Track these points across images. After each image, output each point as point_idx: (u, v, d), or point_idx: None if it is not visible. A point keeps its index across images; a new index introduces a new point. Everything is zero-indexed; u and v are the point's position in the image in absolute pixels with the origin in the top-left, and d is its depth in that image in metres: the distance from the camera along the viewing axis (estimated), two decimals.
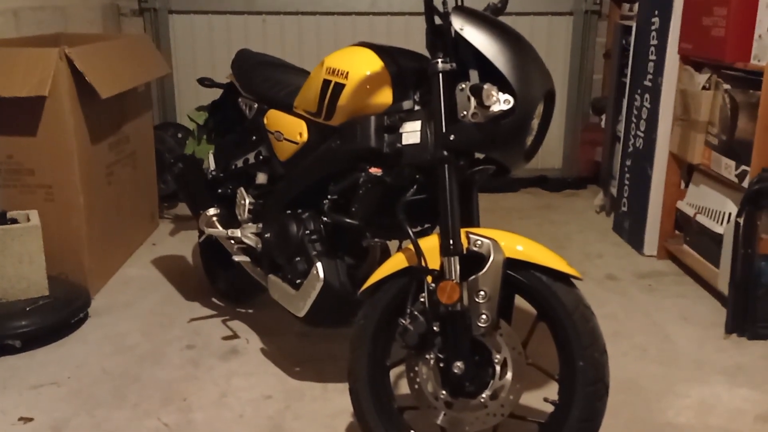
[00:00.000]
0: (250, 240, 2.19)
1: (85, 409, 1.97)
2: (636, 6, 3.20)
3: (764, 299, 2.34)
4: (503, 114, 1.52)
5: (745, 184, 2.40)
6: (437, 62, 1.57)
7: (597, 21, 4.03)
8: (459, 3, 1.64)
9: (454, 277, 1.52)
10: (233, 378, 2.13)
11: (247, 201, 2.23)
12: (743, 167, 2.45)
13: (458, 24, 1.56)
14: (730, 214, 2.57)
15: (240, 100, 2.34)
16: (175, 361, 2.22)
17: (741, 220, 2.32)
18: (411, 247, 1.59)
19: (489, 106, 1.51)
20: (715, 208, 2.68)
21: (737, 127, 2.51)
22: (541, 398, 1.71)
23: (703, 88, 2.70)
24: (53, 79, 2.38)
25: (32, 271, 2.36)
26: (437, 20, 1.59)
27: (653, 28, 2.99)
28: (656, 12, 2.96)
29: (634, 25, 3.19)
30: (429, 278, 1.55)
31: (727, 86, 2.60)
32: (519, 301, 1.60)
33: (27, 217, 2.42)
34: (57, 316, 2.33)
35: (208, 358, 2.24)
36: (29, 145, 2.46)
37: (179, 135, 3.68)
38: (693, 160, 2.77)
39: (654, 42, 2.98)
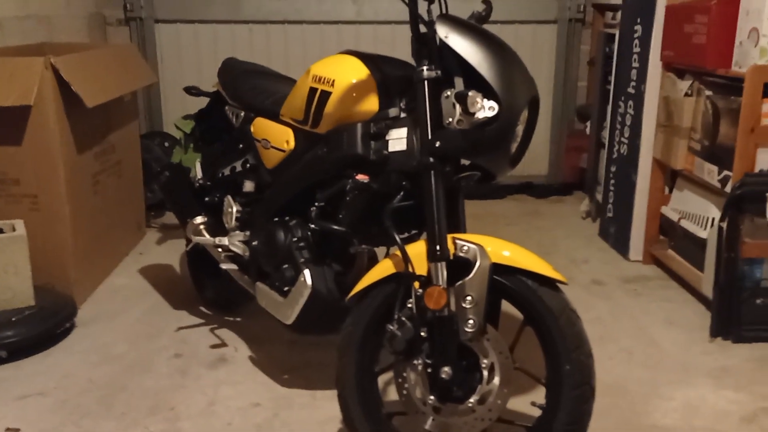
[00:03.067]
0: (238, 248, 2.19)
1: (71, 419, 1.96)
2: (619, 14, 3.24)
3: (748, 302, 2.37)
4: (488, 120, 1.54)
5: (728, 188, 2.43)
6: (422, 70, 1.59)
7: (581, 29, 4.07)
8: (444, 11, 1.66)
9: (441, 283, 1.53)
10: (221, 386, 2.12)
11: (235, 209, 2.23)
12: (726, 172, 2.48)
13: (443, 32, 1.57)
14: (713, 219, 2.60)
15: (227, 108, 2.34)
16: (162, 371, 2.21)
17: (724, 225, 2.34)
18: (398, 253, 1.60)
19: (474, 113, 1.53)
20: (699, 213, 2.71)
21: (719, 132, 2.55)
22: (529, 402, 1.72)
23: (686, 94, 2.74)
24: (38, 89, 2.37)
25: (18, 282, 2.35)
26: (422, 28, 1.61)
27: (636, 35, 3.02)
28: (638, 20, 3.00)
29: (617, 33, 3.23)
30: (416, 284, 1.56)
31: (708, 92, 2.64)
32: (506, 306, 1.61)
33: (12, 227, 2.41)
34: (43, 326, 2.32)
35: (195, 366, 2.24)
36: (14, 155, 2.45)
37: (166, 144, 3.68)
38: (676, 166, 2.80)
39: (637, 49, 3.02)
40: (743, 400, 2.04)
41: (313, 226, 1.94)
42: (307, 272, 1.90)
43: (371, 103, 1.78)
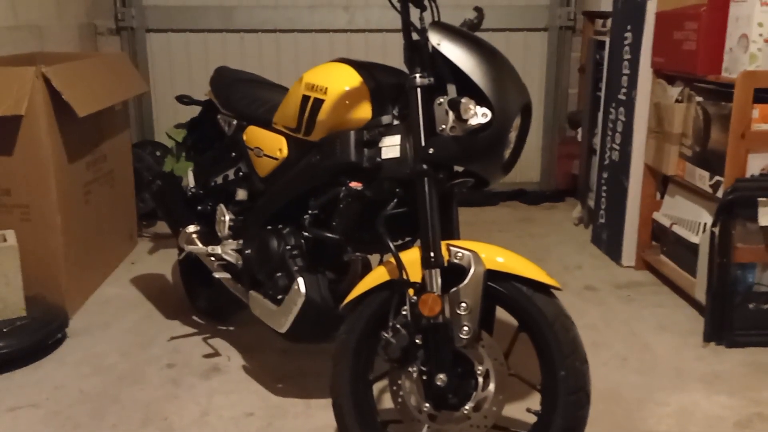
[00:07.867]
0: (231, 257, 2.18)
1: (63, 431, 1.94)
2: (609, 21, 3.26)
3: (740, 307, 2.37)
4: (481, 127, 1.54)
5: (719, 194, 2.44)
6: (415, 77, 1.59)
7: (571, 36, 4.10)
8: (436, 19, 1.67)
9: (435, 290, 1.53)
10: (214, 396, 2.11)
11: (227, 217, 2.22)
12: (717, 178, 2.49)
13: (435, 39, 1.58)
14: (705, 224, 2.61)
15: (219, 117, 2.34)
16: (155, 381, 2.20)
17: (716, 230, 2.35)
18: (392, 260, 1.60)
19: (467, 120, 1.53)
20: (691, 219, 2.72)
21: (710, 138, 2.56)
22: (524, 409, 1.72)
23: (676, 100, 2.75)
24: (30, 98, 2.36)
25: (9, 292, 2.33)
26: (414, 36, 1.61)
27: (626, 42, 3.04)
28: (629, 27, 3.02)
29: (607, 40, 3.25)
30: (410, 291, 1.56)
31: (699, 99, 2.65)
32: (500, 312, 1.61)
33: (3, 237, 2.39)
34: (34, 337, 2.30)
35: (188, 376, 2.22)
36: (5, 165, 2.44)
37: (157, 153, 3.67)
38: (668, 172, 2.81)
39: (627, 56, 3.03)
40: (737, 406, 2.04)
41: (306, 234, 1.93)
42: (300, 280, 1.90)
43: (364, 111, 1.78)
